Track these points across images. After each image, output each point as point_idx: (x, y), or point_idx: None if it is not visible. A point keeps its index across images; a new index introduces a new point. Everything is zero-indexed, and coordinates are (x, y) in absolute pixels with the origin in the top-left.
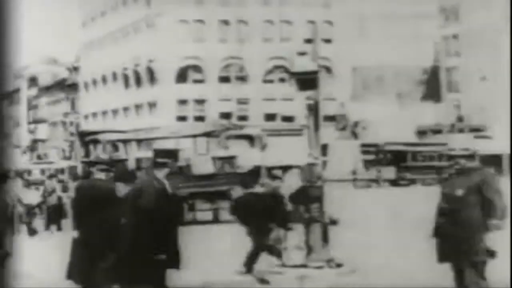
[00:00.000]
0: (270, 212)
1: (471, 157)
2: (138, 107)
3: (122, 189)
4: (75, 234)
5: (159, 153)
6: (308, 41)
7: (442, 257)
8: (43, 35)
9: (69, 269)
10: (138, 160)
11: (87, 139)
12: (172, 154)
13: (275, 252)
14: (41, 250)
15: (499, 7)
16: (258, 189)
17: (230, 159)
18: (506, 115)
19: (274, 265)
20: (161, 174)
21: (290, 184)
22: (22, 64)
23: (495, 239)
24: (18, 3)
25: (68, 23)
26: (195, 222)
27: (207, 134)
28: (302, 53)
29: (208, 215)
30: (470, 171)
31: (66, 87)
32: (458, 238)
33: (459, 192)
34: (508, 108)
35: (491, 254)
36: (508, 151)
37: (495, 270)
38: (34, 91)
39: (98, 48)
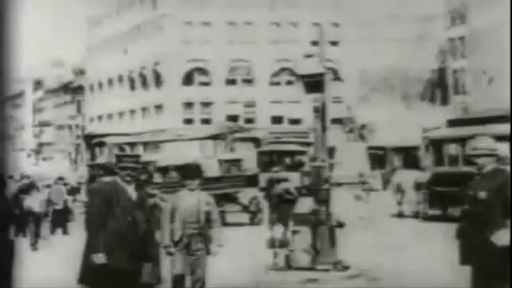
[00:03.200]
0: None
1: (492, 157)
2: (144, 110)
3: None
4: (87, 237)
5: (121, 157)
6: (315, 43)
7: (464, 259)
8: (49, 38)
9: (81, 272)
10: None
11: (93, 142)
12: (134, 158)
13: None
14: (48, 255)
15: (505, 9)
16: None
17: (236, 162)
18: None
19: (281, 268)
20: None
21: None
22: (27, 67)
23: None
24: (24, 5)
25: (74, 25)
26: None
27: (214, 137)
28: (309, 56)
29: None
30: (492, 172)
31: (72, 90)
32: (481, 241)
33: (482, 194)
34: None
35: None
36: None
37: None
38: (39, 94)
39: (104, 50)
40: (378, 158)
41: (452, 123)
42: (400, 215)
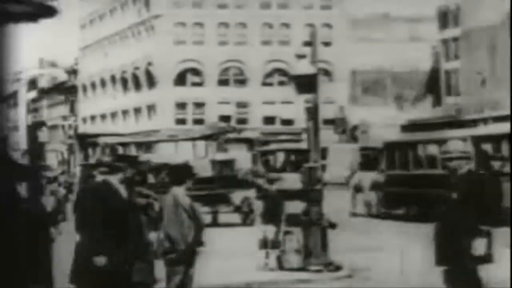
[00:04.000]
0: None
1: (467, 159)
2: (137, 110)
3: None
4: (77, 237)
5: (118, 158)
6: (307, 44)
7: (438, 260)
8: (42, 38)
9: (73, 273)
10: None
11: (86, 142)
12: (132, 159)
13: None
14: None
15: (498, 10)
16: None
17: (229, 163)
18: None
19: (273, 269)
20: (115, 179)
21: None
22: (21, 67)
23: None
24: None
25: (67, 26)
26: None
27: (206, 138)
28: (301, 56)
29: (207, 219)
30: (466, 175)
31: (65, 90)
32: (452, 241)
33: (455, 195)
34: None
35: (485, 259)
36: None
37: (496, 272)
38: (33, 94)
39: (97, 51)
40: (370, 158)
41: (404, 128)
42: (355, 214)
